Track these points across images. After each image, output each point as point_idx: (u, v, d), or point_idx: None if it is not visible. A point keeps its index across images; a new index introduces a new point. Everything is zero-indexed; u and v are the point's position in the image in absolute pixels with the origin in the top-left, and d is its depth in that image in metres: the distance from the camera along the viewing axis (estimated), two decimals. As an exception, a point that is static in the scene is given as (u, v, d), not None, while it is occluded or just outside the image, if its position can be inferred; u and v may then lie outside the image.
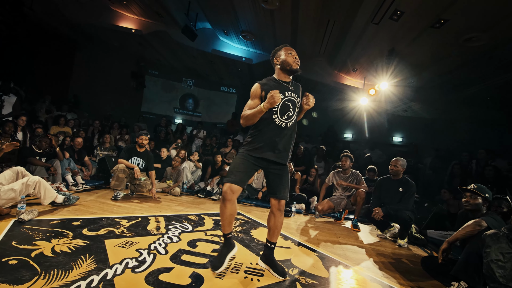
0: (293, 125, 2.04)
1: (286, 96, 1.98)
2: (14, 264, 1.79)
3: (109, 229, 2.67)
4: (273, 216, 2.06)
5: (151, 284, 1.74)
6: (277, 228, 2.07)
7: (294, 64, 2.00)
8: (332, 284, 2.02)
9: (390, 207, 3.24)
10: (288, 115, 2.00)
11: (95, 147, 6.08)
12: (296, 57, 2.01)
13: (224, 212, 1.95)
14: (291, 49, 2.02)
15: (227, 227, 2.01)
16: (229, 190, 1.90)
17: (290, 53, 2.01)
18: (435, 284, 2.23)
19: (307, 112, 2.15)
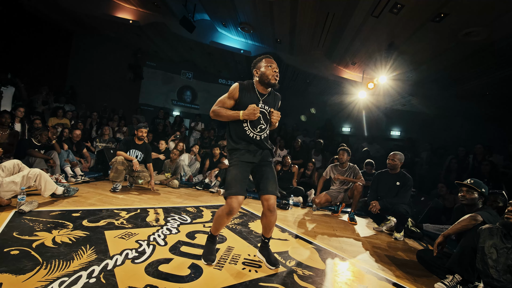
0: (266, 138, 2.07)
1: (259, 106, 1.98)
2: (16, 254, 1.82)
3: (108, 221, 2.69)
4: (265, 217, 2.05)
5: (151, 274, 1.77)
6: (269, 226, 2.07)
7: (272, 78, 1.95)
8: (329, 275, 2.06)
9: (387, 201, 3.28)
10: (260, 128, 2.01)
11: (93, 139, 6.06)
12: (275, 71, 1.96)
13: (226, 222, 2.00)
14: (271, 61, 1.98)
15: (218, 231, 2.11)
16: (237, 204, 1.88)
17: (270, 66, 1.96)
18: (430, 276, 2.28)
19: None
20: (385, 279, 2.12)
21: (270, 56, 2.02)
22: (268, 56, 2.02)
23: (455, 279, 1.98)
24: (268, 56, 2.02)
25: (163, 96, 11.63)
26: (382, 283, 2.04)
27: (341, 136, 9.91)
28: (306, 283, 1.88)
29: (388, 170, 3.51)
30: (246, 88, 1.99)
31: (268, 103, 2.04)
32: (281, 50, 8.15)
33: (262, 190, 2.00)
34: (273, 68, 1.96)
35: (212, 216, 3.31)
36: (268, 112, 2.02)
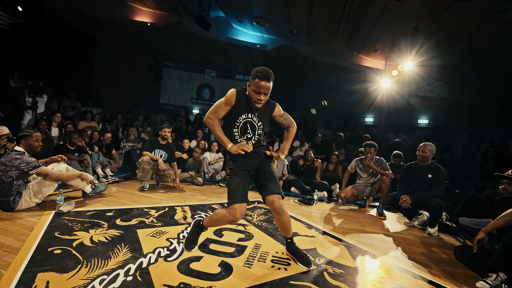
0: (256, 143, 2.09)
1: (247, 118, 2.02)
2: (58, 253, 1.93)
3: (139, 219, 2.80)
4: (276, 219, 2.06)
5: (183, 272, 1.82)
6: (285, 227, 2.06)
7: (254, 103, 1.94)
8: (360, 274, 2.01)
9: (419, 195, 3.12)
10: (247, 137, 2.06)
11: (120, 139, 6.31)
12: (259, 98, 1.90)
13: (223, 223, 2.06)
14: (260, 86, 1.85)
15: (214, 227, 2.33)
16: (240, 214, 1.91)
17: (255, 91, 1.88)
18: (470, 274, 2.15)
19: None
20: (421, 277, 2.03)
21: (264, 76, 1.85)
22: (261, 76, 1.85)
23: (499, 277, 1.86)
24: (261, 76, 1.85)
25: (182, 94, 11.86)
26: (417, 282, 1.96)
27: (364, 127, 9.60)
28: (337, 281, 1.85)
29: (418, 162, 3.34)
30: (242, 96, 2.00)
31: (258, 114, 2.04)
32: (298, 42, 7.98)
33: (264, 191, 2.00)
34: (257, 96, 1.90)
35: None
36: (257, 124, 2.05)
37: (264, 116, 2.08)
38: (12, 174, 2.71)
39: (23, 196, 2.81)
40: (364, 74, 8.29)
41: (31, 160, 2.82)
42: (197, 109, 11.69)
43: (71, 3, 7.53)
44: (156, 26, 8.02)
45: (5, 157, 2.76)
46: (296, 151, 6.47)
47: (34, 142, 2.95)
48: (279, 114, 2.16)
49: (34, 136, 2.97)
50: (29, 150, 2.93)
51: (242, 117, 2.01)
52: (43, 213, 2.74)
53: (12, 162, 2.71)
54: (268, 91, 1.91)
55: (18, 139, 2.93)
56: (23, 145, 2.90)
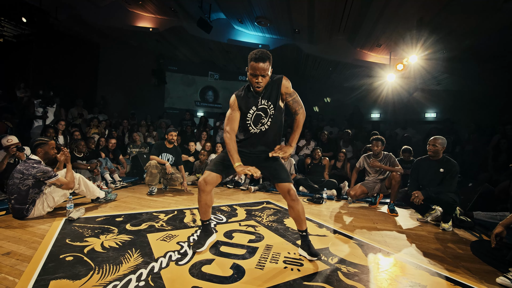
0: (271, 125, 2.06)
1: (257, 109, 2.02)
2: (70, 260, 1.93)
3: (149, 223, 2.79)
4: (291, 209, 2.09)
5: (196, 276, 1.80)
6: (300, 217, 2.09)
7: (255, 88, 1.94)
8: (375, 272, 1.96)
9: (431, 190, 3.05)
10: (261, 123, 2.05)
11: (127, 145, 6.35)
12: (257, 81, 1.89)
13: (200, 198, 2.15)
14: (255, 68, 1.85)
15: (203, 215, 2.24)
16: (203, 181, 2.06)
17: (252, 75, 1.88)
18: (489, 270, 2.09)
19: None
20: (438, 274, 1.97)
21: (258, 57, 1.84)
22: (255, 58, 1.84)
23: (521, 272, 1.80)
24: (255, 58, 1.84)
25: (186, 98, 11.91)
26: (435, 279, 1.91)
27: (370, 123, 9.49)
28: (352, 281, 1.81)
29: (429, 156, 3.27)
30: (242, 96, 2.04)
31: (266, 96, 2.01)
32: (300, 40, 7.95)
33: (277, 181, 2.05)
34: (255, 80, 1.89)
35: (247, 215, 3.31)
36: (267, 106, 2.02)
37: (272, 94, 2.00)
38: (28, 183, 2.74)
39: (36, 205, 2.83)
40: (369, 70, 8.20)
41: (48, 169, 2.83)
42: (201, 112, 11.73)
43: (73, 12, 7.64)
44: (158, 31, 8.08)
45: (22, 165, 2.79)
46: (303, 150, 6.42)
47: (51, 149, 2.98)
48: (287, 91, 2.03)
49: (50, 144, 2.99)
50: (45, 158, 2.95)
51: (251, 111, 2.02)
52: (54, 221, 2.76)
53: (29, 171, 2.74)
54: (265, 72, 1.86)
55: (34, 148, 2.92)
56: (40, 153, 2.91)
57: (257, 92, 1.97)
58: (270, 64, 1.91)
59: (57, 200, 2.97)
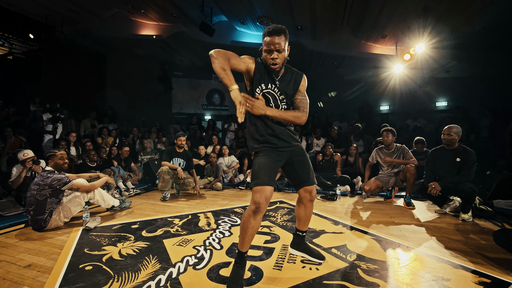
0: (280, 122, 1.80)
1: (266, 89, 1.77)
2: (90, 269, 1.96)
3: (164, 229, 2.81)
4: (304, 207, 1.95)
5: (214, 280, 1.79)
6: (308, 218, 2.00)
7: (270, 66, 1.70)
8: (396, 267, 1.92)
9: (448, 180, 2.97)
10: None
11: (138, 152, 6.43)
12: (272, 57, 1.66)
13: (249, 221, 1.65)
14: (269, 42, 1.64)
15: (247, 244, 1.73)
16: (262, 199, 1.60)
17: (267, 51, 1.67)
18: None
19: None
20: (462, 267, 1.91)
21: (272, 30, 1.64)
22: (269, 32, 1.64)
23: (550, 261, 1.72)
24: (269, 32, 1.64)
25: (193, 102, 11.99)
26: (459, 271, 1.85)
27: (380, 116, 9.34)
28: (373, 278, 1.77)
29: (444, 146, 3.18)
30: (259, 67, 1.77)
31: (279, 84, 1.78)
32: (304, 37, 7.88)
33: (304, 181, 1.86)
34: (270, 55, 1.66)
35: (261, 215, 3.29)
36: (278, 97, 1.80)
37: (288, 88, 1.79)
38: (45, 193, 2.82)
39: (53, 216, 2.88)
40: (375, 62, 8.08)
41: (62, 176, 2.93)
42: (209, 115, 11.79)
43: (78, 26, 7.80)
44: (161, 38, 8.16)
45: (38, 177, 2.89)
46: (314, 147, 6.37)
47: (59, 160, 3.05)
48: (302, 90, 1.82)
49: (59, 155, 3.07)
50: (56, 168, 3.05)
51: (260, 88, 1.77)
52: (71, 231, 2.81)
53: (44, 181, 2.82)
54: (280, 47, 1.64)
55: (46, 161, 3.05)
56: (51, 165, 3.02)
57: (272, 70, 1.72)
58: (287, 40, 1.69)
59: (73, 210, 3.03)
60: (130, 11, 7.43)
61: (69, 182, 2.94)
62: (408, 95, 8.59)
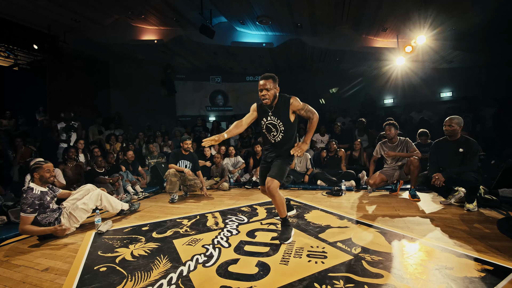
0: (283, 138, 2.42)
1: (268, 120, 2.43)
2: (104, 271, 2.04)
3: (174, 230, 2.89)
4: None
5: (223, 276, 1.86)
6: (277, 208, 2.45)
7: (263, 102, 2.33)
8: (400, 258, 1.96)
9: (452, 171, 2.98)
10: (273, 134, 2.44)
11: (145, 156, 6.54)
12: (262, 94, 2.29)
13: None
14: (260, 85, 2.29)
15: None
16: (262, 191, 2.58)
17: (259, 90, 2.30)
18: (519, 246, 2.03)
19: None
20: (465, 255, 1.94)
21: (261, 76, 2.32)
22: (261, 78, 2.31)
23: (553, 247, 1.74)
24: (261, 78, 2.31)
25: (197, 104, 12.10)
26: (462, 260, 1.88)
27: (384, 110, 9.30)
28: (377, 269, 1.81)
29: (447, 137, 3.19)
30: (260, 106, 2.47)
31: (274, 114, 2.39)
32: (304, 34, 7.90)
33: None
34: (260, 93, 2.30)
35: (267, 213, 3.35)
36: (277, 122, 2.38)
37: (281, 113, 2.36)
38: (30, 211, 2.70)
39: (63, 220, 2.91)
40: (377, 55, 8.06)
41: (26, 202, 2.67)
42: (213, 116, 11.88)
43: (80, 34, 7.94)
44: (162, 42, 8.27)
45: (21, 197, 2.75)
46: (318, 143, 6.39)
47: (46, 173, 2.87)
48: (299, 107, 2.33)
49: (45, 167, 2.87)
50: (42, 181, 2.87)
51: (263, 121, 2.45)
52: (85, 235, 2.90)
53: (21, 202, 2.72)
54: (267, 87, 2.26)
55: (31, 173, 2.84)
56: (37, 177, 2.84)
57: (265, 105, 2.34)
58: (275, 82, 2.31)
59: (80, 217, 3.03)
60: (131, 17, 7.54)
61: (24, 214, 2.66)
62: (411, 88, 8.53)
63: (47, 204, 2.85)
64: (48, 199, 2.88)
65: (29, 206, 2.68)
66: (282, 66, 10.27)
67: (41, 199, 2.80)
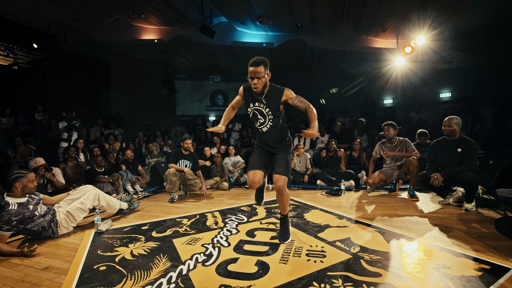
0: (271, 128, 2.28)
1: (254, 106, 2.26)
2: (104, 270, 2.05)
3: (174, 229, 2.90)
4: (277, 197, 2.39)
5: (222, 275, 1.87)
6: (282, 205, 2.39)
7: (253, 89, 2.15)
8: (398, 258, 1.97)
9: (450, 171, 2.99)
10: (260, 122, 2.29)
11: (144, 156, 6.55)
12: (253, 83, 2.10)
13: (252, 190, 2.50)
14: (251, 72, 2.09)
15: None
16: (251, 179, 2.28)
17: (250, 78, 2.11)
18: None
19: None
20: (463, 255, 1.96)
21: (252, 62, 2.08)
22: (250, 63, 2.09)
23: (550, 246, 1.75)
24: (250, 63, 2.09)
25: (197, 104, 12.11)
26: (460, 259, 1.89)
27: (383, 110, 9.31)
28: (376, 268, 1.83)
29: (446, 137, 3.20)
30: (247, 90, 2.29)
31: (264, 101, 2.22)
32: (304, 34, 7.90)
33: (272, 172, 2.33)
34: (252, 81, 2.11)
35: (267, 213, 3.37)
36: (265, 110, 2.23)
37: (271, 102, 2.21)
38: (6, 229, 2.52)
39: (60, 224, 2.88)
40: (377, 56, 8.06)
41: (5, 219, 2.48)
42: (213, 116, 11.89)
43: (80, 34, 7.95)
44: (162, 42, 8.27)
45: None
46: (318, 143, 6.41)
47: (29, 183, 2.69)
48: (292, 97, 2.21)
49: (29, 177, 2.70)
50: (24, 191, 2.68)
51: (250, 106, 2.28)
52: (84, 234, 2.91)
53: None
54: (259, 75, 2.07)
55: (11, 183, 2.61)
56: (18, 188, 2.63)
57: (255, 93, 2.18)
58: (267, 68, 2.12)
59: (77, 216, 3.01)
60: (131, 16, 7.54)
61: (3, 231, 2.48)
62: (410, 88, 8.55)
63: (31, 214, 2.64)
64: (31, 208, 2.67)
65: (5, 223, 2.47)
66: (282, 66, 10.28)
67: (20, 213, 2.55)
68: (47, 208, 2.87)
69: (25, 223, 2.61)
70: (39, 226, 2.73)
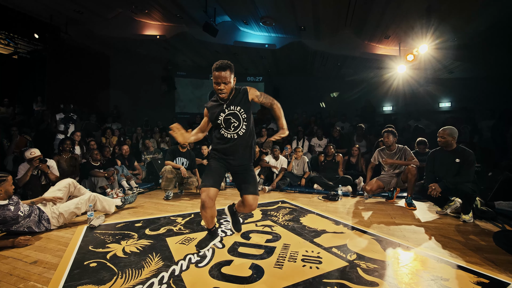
0: (245, 133, 2.14)
1: (226, 112, 2.12)
2: (94, 266, 2.01)
3: (167, 228, 2.85)
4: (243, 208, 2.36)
5: (216, 277, 1.83)
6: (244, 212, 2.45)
7: (219, 95, 2.06)
8: (395, 267, 1.94)
9: (448, 181, 2.97)
10: (233, 126, 2.13)
11: (141, 152, 6.48)
12: (219, 88, 2.00)
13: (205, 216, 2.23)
14: (216, 76, 1.98)
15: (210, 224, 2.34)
16: (205, 197, 2.09)
17: (215, 83, 2.01)
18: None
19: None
20: (461, 267, 1.93)
21: (217, 66, 1.97)
22: (215, 68, 1.98)
23: (549, 262, 1.73)
24: (215, 68, 1.98)
25: (196, 102, 12.06)
26: (457, 272, 1.87)
27: (383, 116, 9.33)
28: (372, 277, 1.79)
29: (442, 147, 3.19)
30: (211, 106, 2.20)
31: (235, 103, 2.12)
32: (307, 37, 7.91)
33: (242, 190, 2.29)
34: (217, 86, 2.00)
35: (263, 215, 3.32)
36: (239, 112, 2.11)
37: (241, 103, 2.12)
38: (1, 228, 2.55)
39: (51, 221, 2.81)
40: (378, 62, 8.08)
41: None
42: (211, 115, 11.83)
43: (83, 27, 7.88)
44: (165, 38, 8.23)
45: None
46: (316, 147, 6.38)
47: (10, 186, 2.62)
48: (257, 95, 2.16)
49: (9, 180, 2.63)
50: (7, 195, 2.61)
51: (221, 116, 2.13)
52: (76, 229, 2.86)
53: None
54: (225, 80, 1.98)
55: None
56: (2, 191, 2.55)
57: (222, 99, 2.09)
58: (232, 72, 2.02)
59: (69, 218, 2.96)
60: (134, 11, 7.50)
61: None
62: (411, 96, 8.57)
63: (14, 216, 2.54)
64: (12, 210, 2.55)
65: None
66: (283, 67, 10.27)
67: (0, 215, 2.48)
68: (29, 208, 2.73)
69: (8, 224, 2.53)
70: (25, 227, 2.64)
